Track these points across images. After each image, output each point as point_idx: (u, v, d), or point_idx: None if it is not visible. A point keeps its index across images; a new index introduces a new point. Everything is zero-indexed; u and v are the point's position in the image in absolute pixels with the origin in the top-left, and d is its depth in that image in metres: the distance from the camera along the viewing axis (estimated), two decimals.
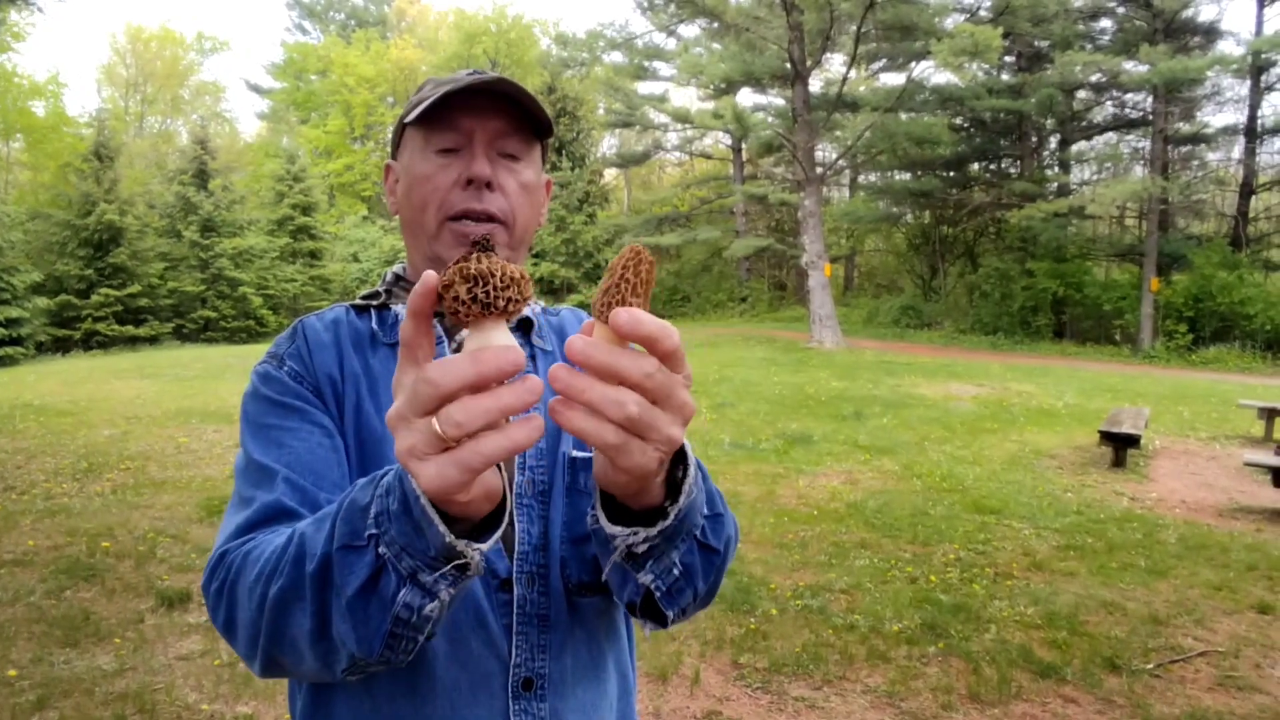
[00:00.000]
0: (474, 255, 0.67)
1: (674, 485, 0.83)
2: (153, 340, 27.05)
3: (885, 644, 4.53)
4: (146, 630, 4.57)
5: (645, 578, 0.88)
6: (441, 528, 0.71)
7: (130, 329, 26.62)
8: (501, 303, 0.67)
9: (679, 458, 0.83)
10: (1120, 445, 8.83)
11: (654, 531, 0.82)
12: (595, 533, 0.90)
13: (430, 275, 0.67)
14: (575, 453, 1.13)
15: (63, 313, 25.99)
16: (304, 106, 48.28)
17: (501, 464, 0.73)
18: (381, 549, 0.76)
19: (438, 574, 0.75)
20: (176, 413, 11.11)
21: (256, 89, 52.80)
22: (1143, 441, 9.17)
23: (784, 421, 11.16)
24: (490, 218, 1.13)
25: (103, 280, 26.65)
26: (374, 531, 0.76)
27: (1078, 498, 7.70)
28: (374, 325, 1.18)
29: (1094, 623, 4.84)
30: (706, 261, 36.60)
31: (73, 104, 79.64)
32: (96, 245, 26.83)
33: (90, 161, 27.77)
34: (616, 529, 0.83)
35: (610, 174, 41.92)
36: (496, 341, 0.67)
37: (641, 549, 0.84)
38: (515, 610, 1.06)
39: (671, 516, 0.82)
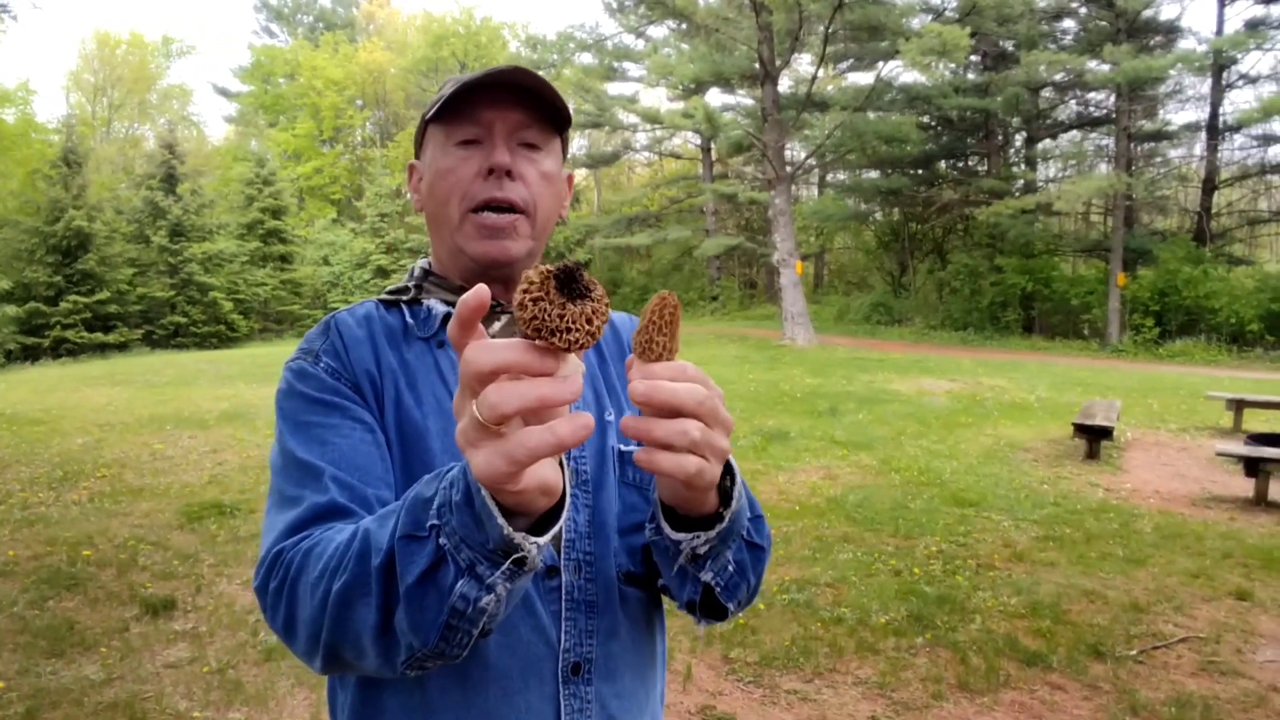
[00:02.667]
0: (550, 292, 0.68)
1: (724, 493, 0.93)
2: (122, 347, 26.67)
3: (873, 636, 4.58)
4: (132, 638, 4.54)
5: (706, 575, 0.97)
6: (500, 520, 0.74)
7: (100, 336, 26.27)
8: (564, 345, 0.69)
9: (725, 469, 0.92)
10: (1094, 437, 8.95)
11: (712, 534, 0.93)
12: (655, 544, 1.00)
13: (483, 289, 0.69)
14: (623, 447, 1.17)
15: (31, 320, 25.58)
16: (272, 110, 47.90)
17: (563, 462, 0.78)
18: (442, 540, 0.78)
19: (496, 568, 0.77)
20: (150, 419, 10.99)
21: (224, 92, 52.33)
22: (1115, 433, 9.30)
23: (760, 419, 11.21)
24: (512, 206, 1.15)
25: (71, 287, 26.30)
26: (435, 522, 0.79)
27: (1054, 489, 7.80)
28: (406, 319, 1.19)
29: (1076, 611, 4.92)
30: (677, 261, 36.66)
31: (41, 110, 78.58)
32: (65, 252, 26.47)
33: (58, 167, 27.41)
34: (680, 535, 0.94)
35: (580, 174, 41.89)
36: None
37: (702, 550, 0.94)
38: (563, 596, 1.08)
39: (726, 520, 0.92)
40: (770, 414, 11.61)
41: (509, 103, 1.14)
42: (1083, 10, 25.31)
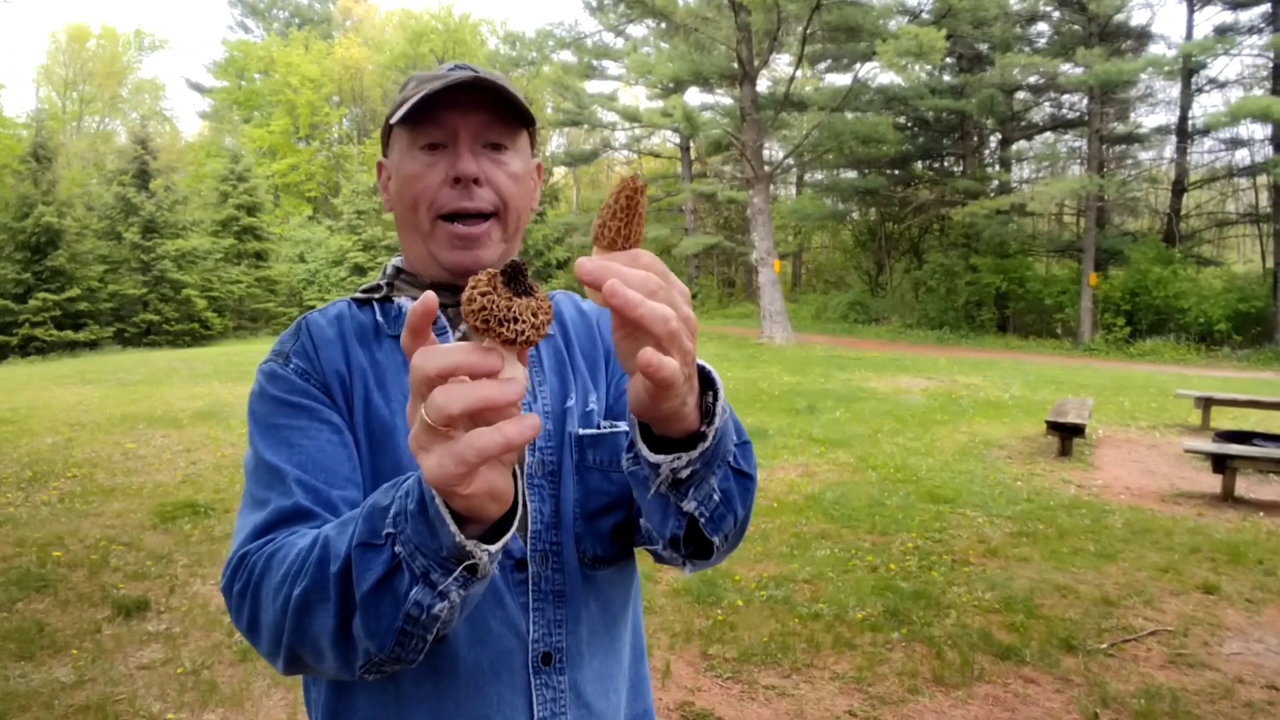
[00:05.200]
0: (498, 287, 0.69)
1: (706, 411, 0.86)
2: (93, 345, 26.23)
3: (850, 631, 4.60)
4: (104, 640, 4.48)
5: (689, 505, 0.90)
6: (453, 527, 0.75)
7: (70, 334, 25.86)
8: (519, 342, 0.69)
9: (707, 384, 0.86)
10: (1066, 435, 9.04)
11: (695, 454, 0.85)
12: (634, 475, 0.93)
13: (430, 296, 0.70)
14: (581, 430, 1.17)
15: None
16: (246, 105, 47.54)
17: (516, 472, 0.78)
18: (398, 547, 0.79)
19: (449, 575, 0.78)
20: (121, 418, 10.87)
21: (198, 88, 51.83)
22: (1087, 431, 9.41)
23: (739, 416, 11.21)
24: (483, 215, 1.15)
25: (40, 284, 25.87)
26: (391, 530, 0.80)
27: (1027, 486, 7.87)
28: (378, 317, 1.20)
29: (1049, 605, 4.96)
30: None
31: (9, 105, 77.52)
32: (34, 248, 26.05)
33: (28, 163, 26.97)
34: (660, 456, 0.86)
35: (559, 172, 41.90)
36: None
37: (685, 474, 0.87)
38: (531, 588, 1.09)
39: (710, 438, 0.85)
40: (749, 412, 11.64)
41: (471, 104, 1.13)
42: (1056, 14, 25.62)
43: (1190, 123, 25.64)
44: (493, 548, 0.78)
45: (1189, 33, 25.47)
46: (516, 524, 0.80)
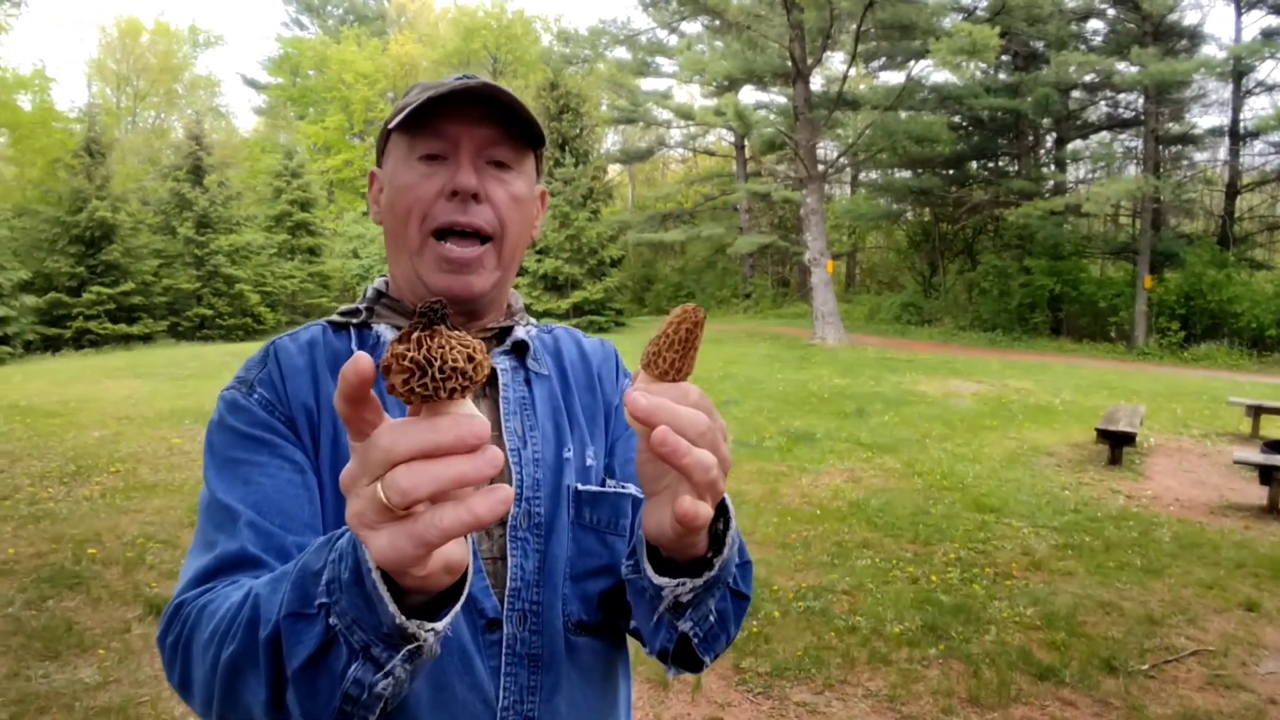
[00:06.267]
0: (414, 336, 0.60)
1: (715, 536, 0.84)
2: (146, 339, 26.67)
3: (886, 646, 4.48)
4: (133, 640, 4.46)
5: (684, 625, 0.89)
6: (392, 607, 0.66)
7: (123, 327, 26.22)
8: (444, 393, 0.60)
9: (719, 511, 0.84)
10: (1117, 443, 8.81)
11: (699, 582, 0.84)
12: (632, 583, 0.91)
13: (363, 360, 0.60)
14: (580, 486, 1.09)
15: (52, 311, 25.54)
16: (301, 102, 48.10)
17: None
18: (333, 619, 0.71)
19: (394, 651, 0.70)
20: (170, 413, 10.99)
21: (253, 84, 52.38)
22: (1138, 439, 9.16)
23: (787, 419, 11.12)
24: (477, 231, 1.06)
25: (94, 278, 26.24)
26: (325, 600, 0.71)
27: (1075, 496, 7.67)
28: (353, 346, 1.11)
29: (1092, 623, 4.81)
30: (710, 258, 36.57)
31: (60, 98, 79.17)
32: (88, 242, 26.43)
33: (81, 157, 27.28)
34: (664, 580, 0.84)
35: (614, 170, 41.86)
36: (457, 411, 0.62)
37: (686, 598, 0.85)
38: (504, 650, 1.00)
39: (716, 567, 0.84)
40: (798, 414, 11.52)
41: (478, 117, 1.05)
42: (1110, 11, 25.10)
43: (1242, 125, 25.11)
44: (439, 625, 0.70)
45: (1237, 35, 25.02)
46: (463, 598, 0.71)
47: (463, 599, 0.71)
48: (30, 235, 26.93)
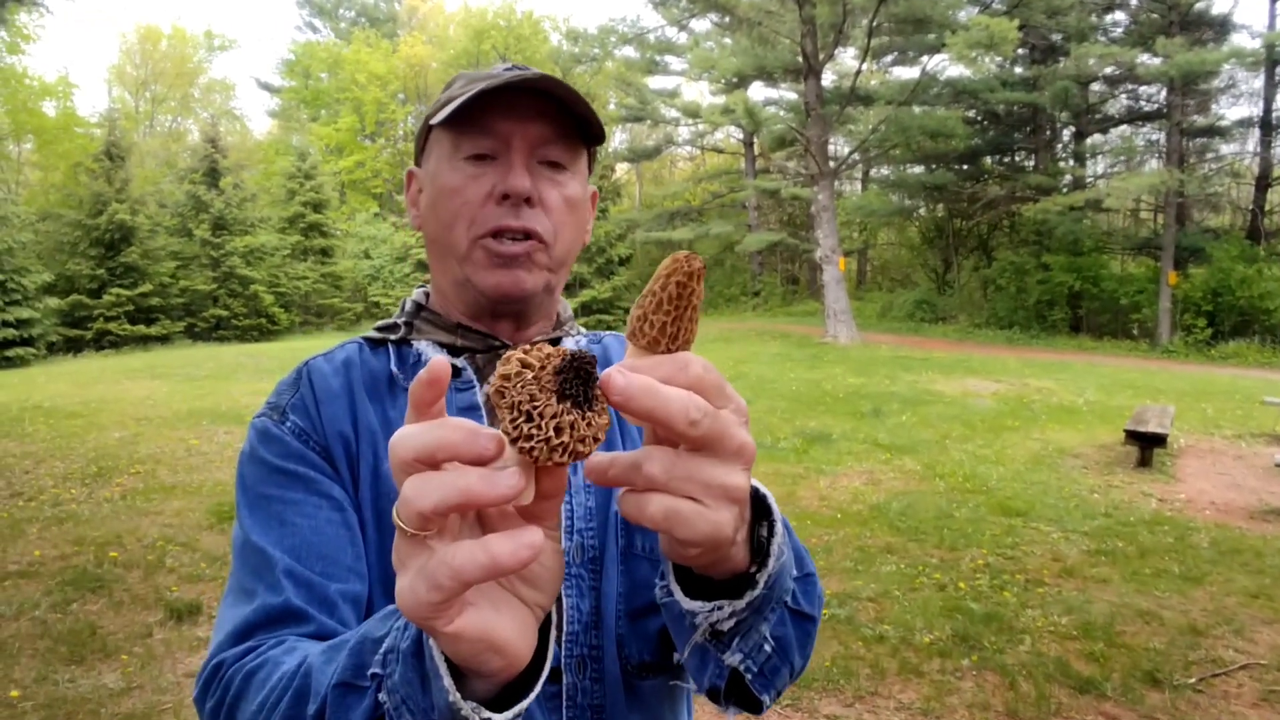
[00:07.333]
0: (569, 400, 0.51)
1: (759, 546, 0.68)
2: (164, 339, 27.00)
3: (917, 657, 4.37)
4: (155, 645, 4.45)
5: (733, 658, 0.72)
6: (447, 681, 0.56)
7: (142, 328, 26.56)
8: (543, 460, 0.51)
9: (761, 512, 0.68)
10: (1146, 444, 8.63)
11: (741, 604, 0.67)
12: (667, 606, 0.73)
13: (440, 367, 0.52)
14: None
15: (74, 313, 25.91)
16: (313, 104, 48.26)
17: (553, 613, 0.60)
18: (382, 695, 0.62)
19: None
20: (188, 414, 11.01)
21: (267, 87, 52.70)
22: (1169, 440, 8.99)
23: (802, 419, 11.00)
24: (528, 235, 0.97)
25: (114, 280, 26.60)
26: (379, 671, 0.63)
27: (1105, 499, 7.52)
28: (392, 366, 1.02)
29: (1131, 633, 4.68)
30: (719, 256, 36.43)
31: (83, 104, 79.72)
32: (108, 245, 26.77)
33: (101, 161, 27.68)
34: (695, 604, 0.68)
35: (622, 169, 41.75)
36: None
37: (727, 625, 0.69)
38: (565, 702, 0.90)
39: (761, 585, 0.67)
40: (812, 415, 11.39)
41: (530, 113, 0.95)
42: (1134, 2, 24.80)
43: (1275, 115, 24.69)
44: (499, 717, 0.58)
45: (1271, 22, 24.56)
46: (536, 691, 0.61)
47: (534, 693, 0.60)
48: (53, 238, 27.36)
